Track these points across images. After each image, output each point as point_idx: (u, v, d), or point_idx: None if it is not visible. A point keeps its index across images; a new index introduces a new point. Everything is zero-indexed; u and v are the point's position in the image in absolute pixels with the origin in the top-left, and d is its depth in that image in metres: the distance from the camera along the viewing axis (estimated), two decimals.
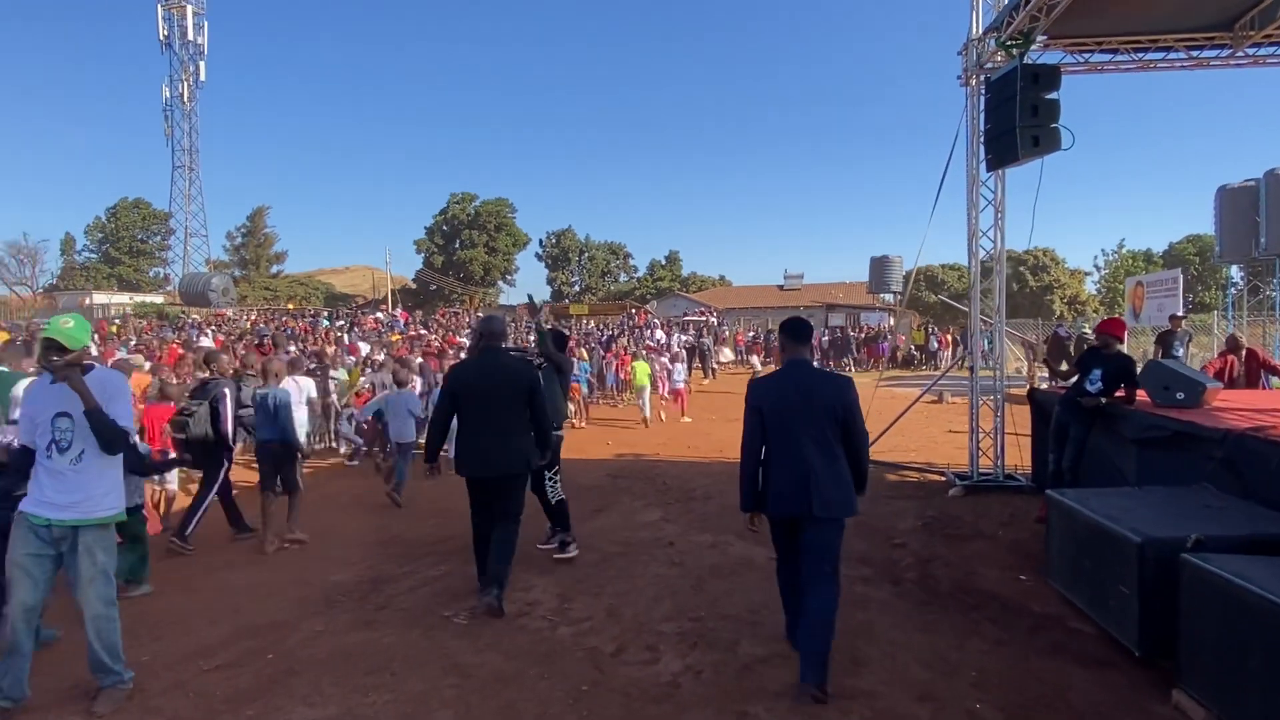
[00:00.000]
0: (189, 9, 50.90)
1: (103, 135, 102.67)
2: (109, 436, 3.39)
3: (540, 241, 64.61)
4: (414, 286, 60.28)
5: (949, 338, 27.61)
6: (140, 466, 4.64)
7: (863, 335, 27.51)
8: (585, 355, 15.39)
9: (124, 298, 44.40)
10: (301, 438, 7.07)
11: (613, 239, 67.40)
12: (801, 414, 3.70)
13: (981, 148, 7.86)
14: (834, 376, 4.05)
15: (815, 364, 4.24)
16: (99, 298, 41.66)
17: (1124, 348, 6.99)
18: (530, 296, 8.21)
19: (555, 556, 5.67)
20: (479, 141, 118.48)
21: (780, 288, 46.43)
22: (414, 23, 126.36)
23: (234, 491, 6.63)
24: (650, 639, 4.17)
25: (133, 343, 15.58)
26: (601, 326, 26.79)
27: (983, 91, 7.81)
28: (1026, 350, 20.40)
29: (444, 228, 59.72)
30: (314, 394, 9.29)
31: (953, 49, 8.42)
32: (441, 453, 5.02)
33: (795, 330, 4.00)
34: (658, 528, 6.60)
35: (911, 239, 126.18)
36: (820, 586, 3.72)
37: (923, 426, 12.38)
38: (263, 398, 6.36)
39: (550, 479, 5.75)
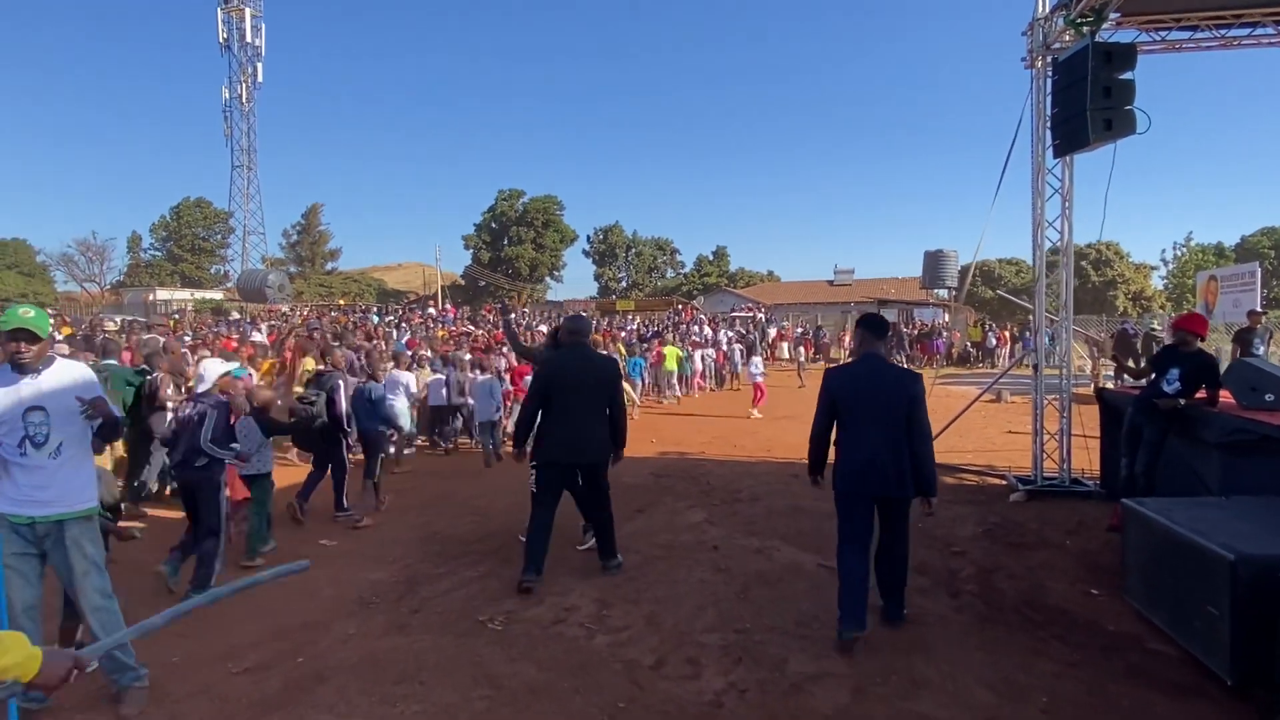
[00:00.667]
0: (247, 11, 52.25)
1: (167, 135, 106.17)
2: (113, 426, 3.38)
3: (587, 237, 64.78)
4: (463, 283, 60.97)
5: (1007, 334, 26.73)
6: (271, 430, 5.70)
7: (916, 331, 26.72)
8: (623, 351, 15.22)
9: (185, 294, 45.86)
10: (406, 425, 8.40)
11: (660, 235, 67.24)
12: (871, 403, 4.12)
13: (1048, 133, 7.42)
14: (903, 371, 4.48)
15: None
16: (162, 294, 43.13)
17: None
18: (503, 300, 8.37)
19: (578, 548, 5.75)
20: (527, 138, 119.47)
21: (830, 283, 45.63)
22: (463, 24, 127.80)
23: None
24: (691, 651, 3.95)
25: (189, 337, 15.88)
26: (647, 323, 26.58)
27: (1049, 74, 7.37)
28: (1090, 348, 19.55)
29: (492, 224, 60.26)
30: (414, 388, 9.98)
31: (1014, 30, 7.98)
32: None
33: (873, 325, 4.41)
34: (701, 530, 6.36)
35: (967, 233, 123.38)
36: (896, 548, 4.30)
37: (981, 427, 11.89)
38: (364, 390, 7.42)
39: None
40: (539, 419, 5.16)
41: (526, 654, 3.94)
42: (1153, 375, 6.31)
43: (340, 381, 7.04)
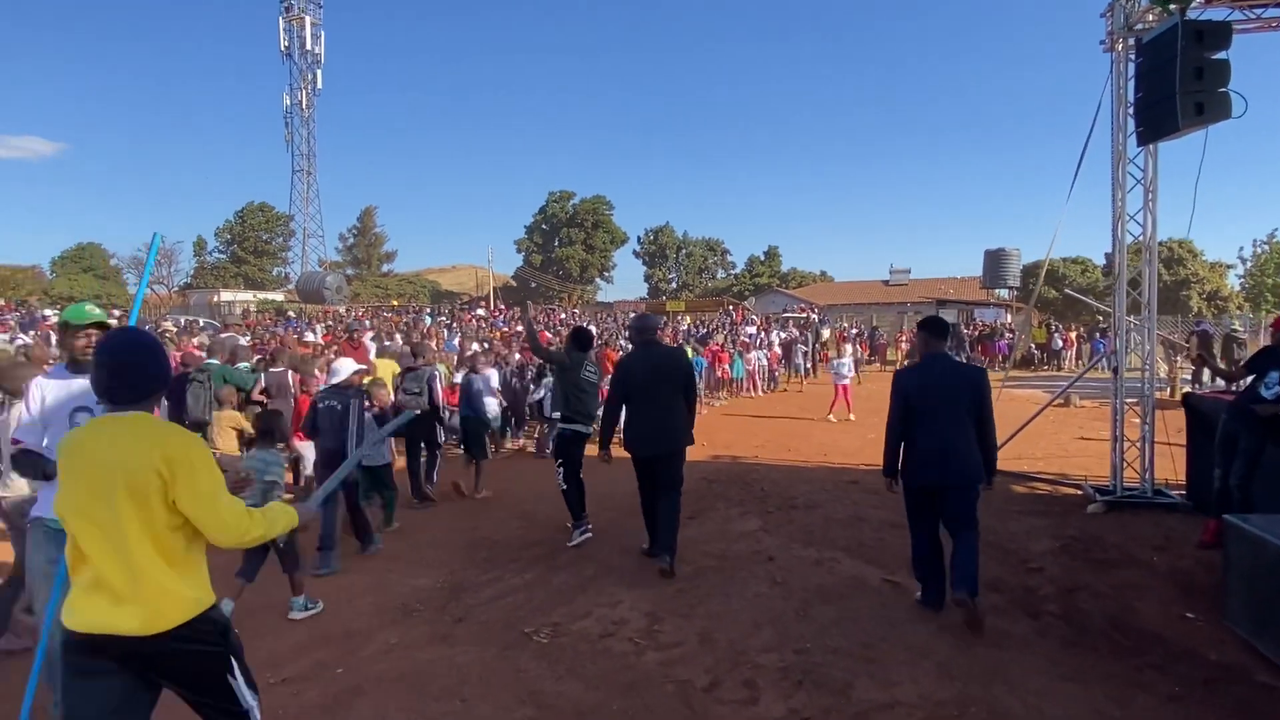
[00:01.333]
0: (307, 20, 53.63)
1: (231, 142, 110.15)
2: None
3: (638, 238, 64.73)
4: (514, 284, 61.48)
5: (1074, 336, 25.65)
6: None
7: (977, 333, 25.80)
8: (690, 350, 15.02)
9: (248, 295, 47.15)
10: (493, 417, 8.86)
11: (711, 235, 66.81)
12: (942, 399, 4.41)
13: (1130, 119, 6.94)
14: (970, 367, 5.01)
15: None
16: (225, 295, 44.41)
17: None
18: (525, 301, 8.58)
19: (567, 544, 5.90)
20: (578, 140, 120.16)
21: (885, 283, 44.56)
22: (514, 27, 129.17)
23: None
24: (748, 673, 3.69)
25: (248, 337, 16.21)
26: (699, 324, 26.26)
27: (1132, 56, 6.89)
28: (1166, 350, 18.58)
29: (543, 226, 60.68)
30: (497, 383, 9.99)
31: (1081, 15, 7.49)
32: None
33: (934, 327, 4.72)
34: (756, 539, 6.08)
35: (1029, 230, 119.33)
36: (965, 534, 4.35)
37: (1051, 432, 11.30)
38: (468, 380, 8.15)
39: (558, 468, 6.00)
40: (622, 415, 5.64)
41: (573, 670, 3.73)
42: (1248, 379, 5.81)
43: (436, 372, 7.90)
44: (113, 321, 3.32)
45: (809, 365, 19.72)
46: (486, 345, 13.20)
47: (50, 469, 2.98)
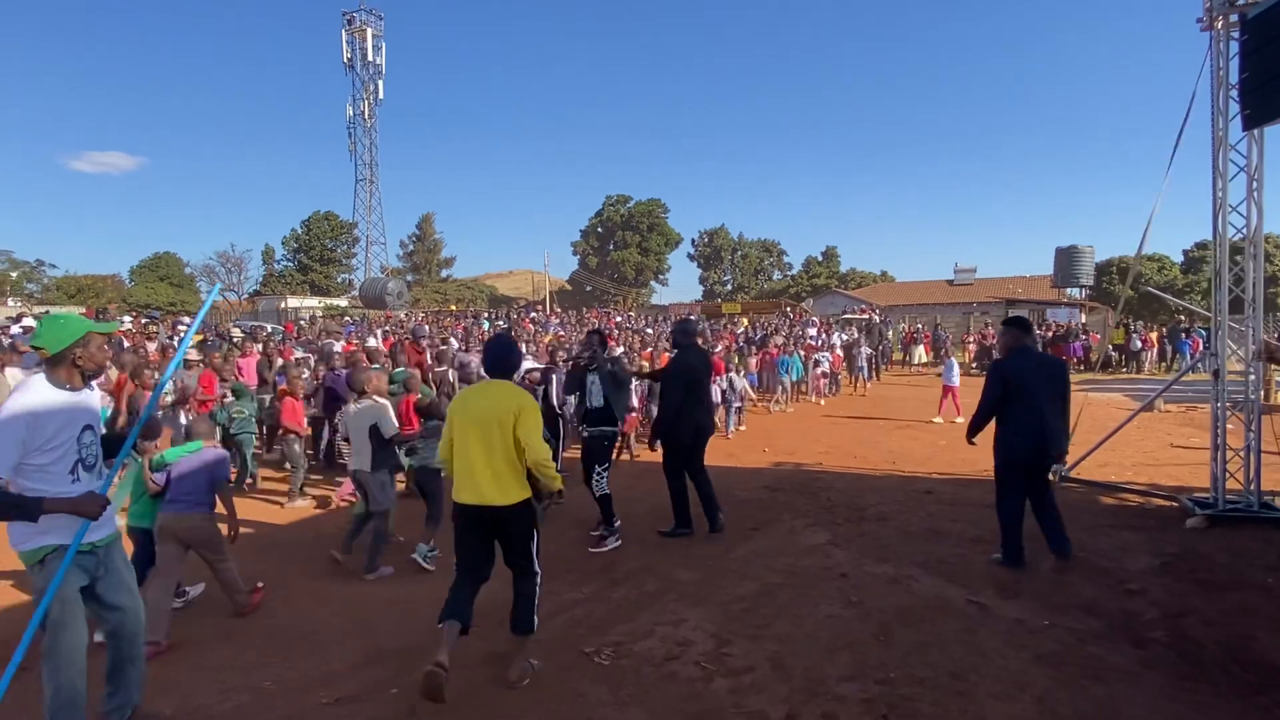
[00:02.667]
0: (369, 32, 54.87)
1: (298, 153, 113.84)
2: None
3: (692, 241, 64.36)
4: (570, 288, 61.79)
5: (1154, 337, 24.35)
6: None
7: (1051, 334, 24.68)
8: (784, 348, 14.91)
9: (314, 301, 48.39)
10: None
11: (766, 236, 66.02)
12: (1039, 385, 5.23)
13: (1232, 102, 6.41)
14: (1055, 359, 6.14)
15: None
16: (292, 301, 45.60)
17: None
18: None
19: (591, 550, 5.96)
20: (633, 144, 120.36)
21: (950, 282, 43.21)
22: (568, 34, 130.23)
23: None
24: (827, 705, 3.40)
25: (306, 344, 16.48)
26: (756, 326, 25.81)
27: (1235, 34, 6.36)
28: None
29: (599, 229, 60.82)
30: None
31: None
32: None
33: (1022, 324, 5.72)
34: (825, 554, 5.76)
35: (1102, 226, 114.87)
36: (1050, 497, 5.48)
37: (1137, 439, 10.61)
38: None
39: (598, 473, 6.25)
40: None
41: (637, 697, 3.50)
42: None
43: (555, 375, 8.64)
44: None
45: (872, 369, 19.08)
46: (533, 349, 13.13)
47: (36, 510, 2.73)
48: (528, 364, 6.69)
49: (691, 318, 7.90)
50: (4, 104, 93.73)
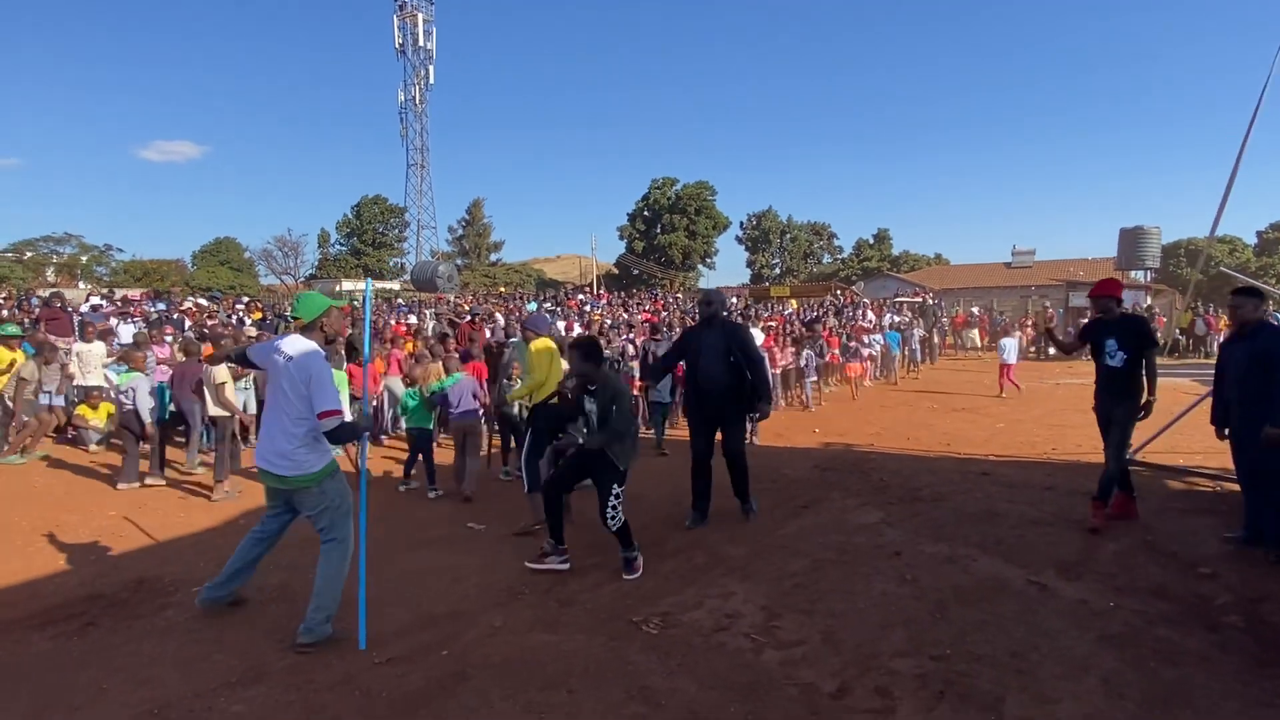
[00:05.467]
0: (420, 17, 55.28)
1: (350, 139, 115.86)
2: None
3: (740, 224, 63.69)
4: (616, 272, 61.77)
5: (1223, 321, 23.26)
6: None
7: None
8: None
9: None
10: None
11: (816, 219, 64.98)
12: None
13: None
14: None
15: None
16: (347, 284, 46.54)
17: None
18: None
19: (625, 577, 4.75)
20: (681, 126, 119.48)
21: (1007, 265, 41.92)
22: (613, 21, 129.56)
23: None
24: (880, 679, 3.31)
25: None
26: (805, 308, 25.44)
27: None
28: None
29: (645, 213, 60.55)
30: None
31: None
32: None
33: (1260, 293, 5.37)
34: (878, 532, 5.64)
35: (1169, 207, 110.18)
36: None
37: (1202, 423, 10.07)
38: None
39: (613, 500, 4.78)
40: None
41: (686, 666, 3.46)
42: None
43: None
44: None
45: (926, 351, 18.65)
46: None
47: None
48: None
49: (714, 290, 6.69)
50: (81, 95, 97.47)
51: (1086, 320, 6.63)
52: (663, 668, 3.45)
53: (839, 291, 34.52)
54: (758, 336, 12.24)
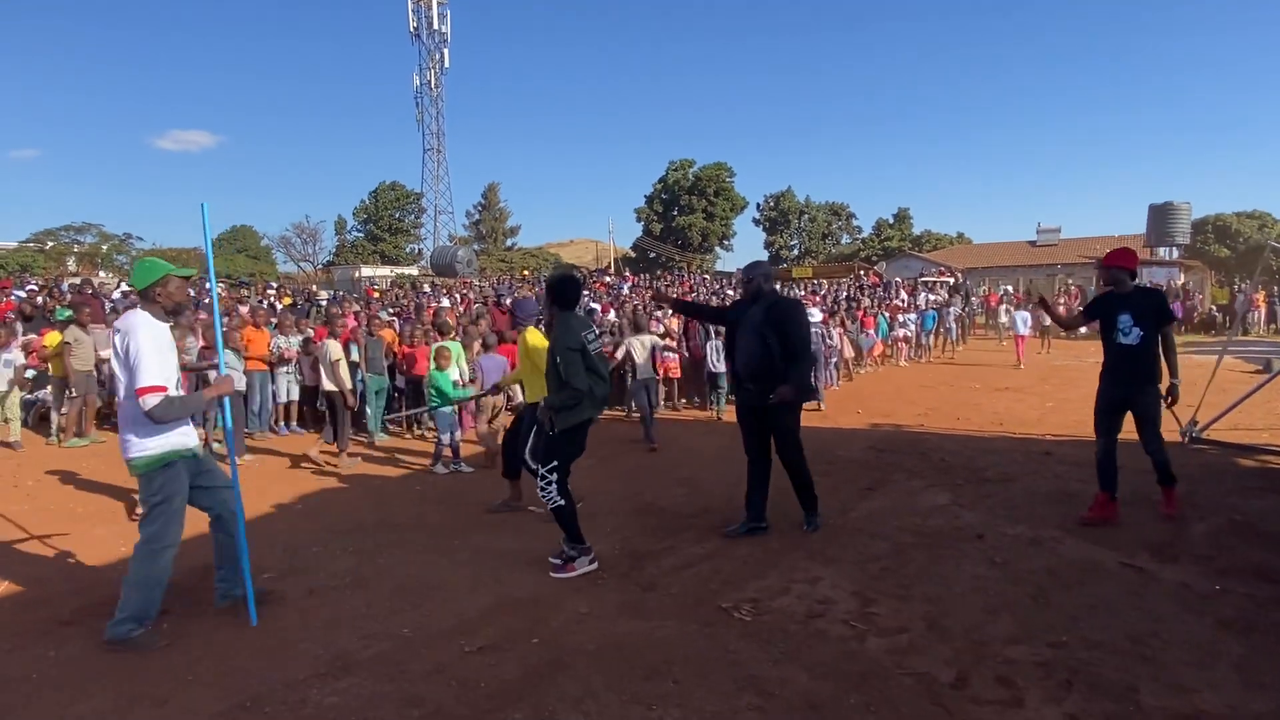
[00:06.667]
0: (434, 0, 54.86)
1: (366, 125, 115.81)
2: None
3: (758, 205, 63.07)
4: (633, 255, 61.43)
5: (1261, 297, 22.84)
6: None
7: None
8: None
9: (385, 270, 49.30)
10: None
11: (834, 199, 64.25)
12: None
13: None
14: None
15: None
16: (365, 270, 46.55)
17: None
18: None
19: (553, 575, 4.34)
20: (698, 108, 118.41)
21: (1032, 243, 41.15)
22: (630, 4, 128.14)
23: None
24: (999, 668, 3.15)
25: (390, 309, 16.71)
26: (834, 286, 25.12)
27: None
28: None
29: (663, 195, 60.10)
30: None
31: None
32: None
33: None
34: (953, 514, 5.47)
35: (1198, 182, 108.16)
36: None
37: (1263, 399, 9.82)
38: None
39: (543, 471, 4.40)
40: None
41: (790, 655, 3.32)
42: None
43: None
44: None
45: (960, 331, 18.38)
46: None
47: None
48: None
49: (763, 262, 6.04)
50: (96, 86, 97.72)
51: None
52: (766, 656, 3.30)
53: (862, 272, 34.15)
54: (814, 315, 11.99)
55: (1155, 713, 2.80)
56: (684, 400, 11.09)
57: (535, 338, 5.61)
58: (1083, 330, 7.75)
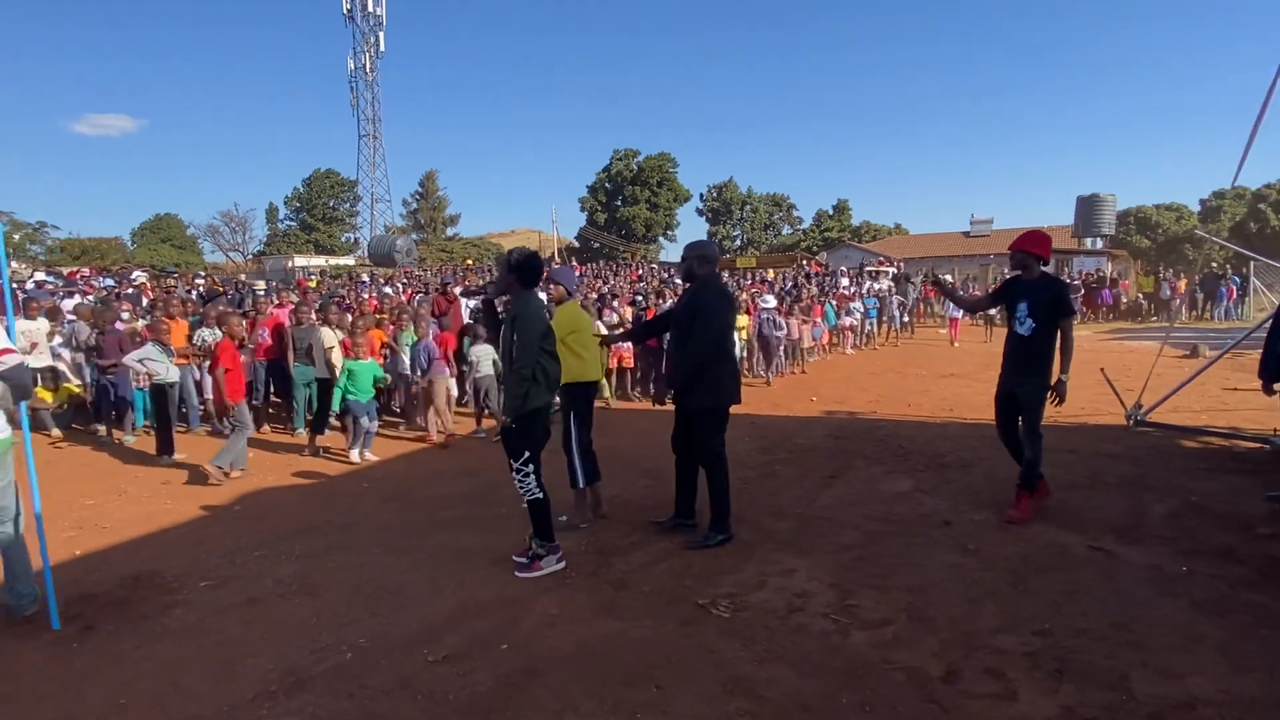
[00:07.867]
0: None
1: (298, 109, 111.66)
2: None
3: (701, 195, 63.23)
4: (577, 245, 60.93)
5: (1183, 285, 23.82)
6: None
7: (1081, 282, 24.20)
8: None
9: (320, 260, 47.75)
10: None
11: (775, 190, 64.89)
12: None
13: None
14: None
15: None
16: (299, 260, 45.02)
17: None
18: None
19: (518, 575, 4.12)
20: (641, 98, 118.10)
21: (966, 234, 42.33)
22: None
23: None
24: (988, 659, 3.08)
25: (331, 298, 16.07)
26: (780, 276, 25.29)
27: None
28: None
29: (607, 185, 59.71)
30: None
31: None
32: None
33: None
34: (917, 501, 5.44)
35: (1123, 175, 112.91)
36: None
37: (1196, 384, 10.21)
38: None
39: (519, 469, 4.17)
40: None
41: (774, 653, 3.18)
42: None
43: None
44: None
45: (904, 319, 18.67)
46: None
47: None
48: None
49: (704, 241, 4.98)
50: (5, 68, 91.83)
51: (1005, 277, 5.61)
52: (750, 655, 3.16)
53: (804, 262, 34.51)
54: (769, 302, 11.93)
55: (1151, 701, 2.75)
56: (637, 390, 10.92)
57: (568, 313, 5.17)
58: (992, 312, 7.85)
